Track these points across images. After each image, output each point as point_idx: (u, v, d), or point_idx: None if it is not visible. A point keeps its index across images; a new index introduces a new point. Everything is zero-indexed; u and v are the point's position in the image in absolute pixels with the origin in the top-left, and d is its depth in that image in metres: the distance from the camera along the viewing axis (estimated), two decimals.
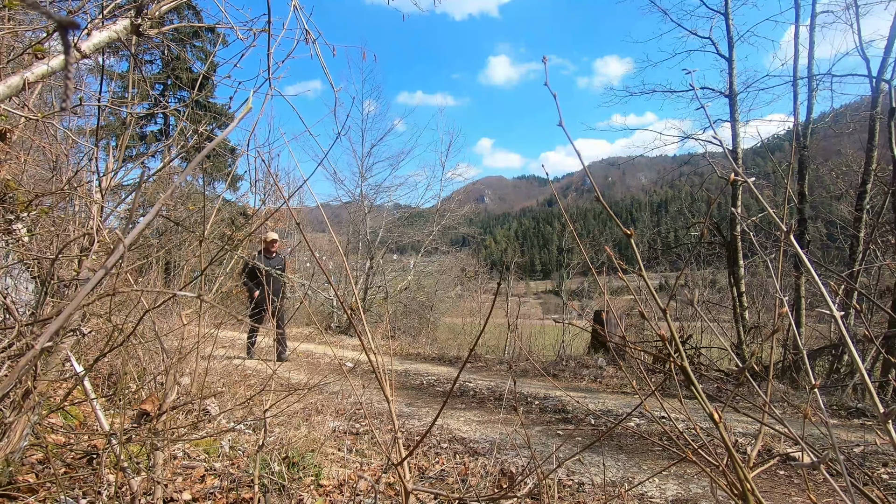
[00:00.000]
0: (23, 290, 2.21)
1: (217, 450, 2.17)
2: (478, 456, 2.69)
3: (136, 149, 16.02)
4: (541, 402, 4.31)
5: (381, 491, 1.97)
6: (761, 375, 4.93)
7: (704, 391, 0.89)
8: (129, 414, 1.91)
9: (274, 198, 12.98)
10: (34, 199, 1.92)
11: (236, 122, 0.92)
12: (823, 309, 0.81)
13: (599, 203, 0.97)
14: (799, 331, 6.39)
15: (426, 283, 16.87)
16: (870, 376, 2.49)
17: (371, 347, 1.11)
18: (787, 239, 0.82)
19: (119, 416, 1.89)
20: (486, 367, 6.92)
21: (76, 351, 1.64)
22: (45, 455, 1.58)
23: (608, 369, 6.42)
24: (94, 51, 1.23)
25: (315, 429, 2.50)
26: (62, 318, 0.48)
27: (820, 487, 2.29)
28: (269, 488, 1.78)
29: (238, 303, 7.54)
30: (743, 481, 0.84)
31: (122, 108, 2.08)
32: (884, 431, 0.69)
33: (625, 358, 5.55)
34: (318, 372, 5.38)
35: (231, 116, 6.13)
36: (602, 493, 2.17)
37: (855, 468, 2.31)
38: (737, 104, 7.74)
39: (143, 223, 0.66)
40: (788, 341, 5.82)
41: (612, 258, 0.99)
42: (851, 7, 6.73)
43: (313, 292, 13.74)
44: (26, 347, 1.28)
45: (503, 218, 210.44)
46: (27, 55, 1.51)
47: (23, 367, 1.05)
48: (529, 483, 2.11)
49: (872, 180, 6.38)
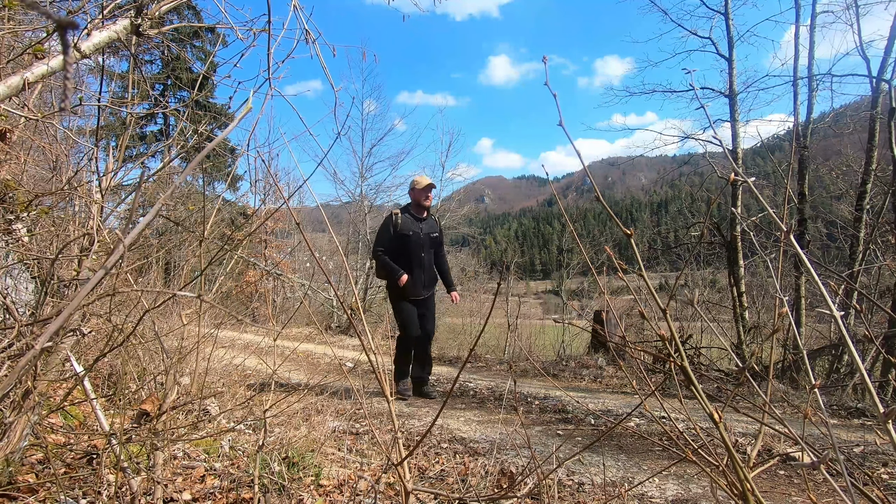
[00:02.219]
0: (23, 290, 2.21)
1: (217, 450, 2.17)
2: (478, 456, 2.69)
3: (136, 149, 16.03)
4: (541, 402, 4.31)
5: (381, 491, 1.97)
6: (761, 375, 4.93)
7: (704, 391, 0.89)
8: (129, 414, 1.91)
9: (274, 198, 12.98)
10: (34, 199, 1.93)
11: (236, 123, 0.92)
12: (823, 309, 0.81)
13: (599, 203, 0.97)
14: (799, 331, 6.39)
15: None
16: (870, 376, 2.49)
17: (371, 347, 1.11)
18: (787, 239, 0.82)
19: (119, 416, 1.89)
20: (486, 367, 6.92)
21: (76, 351, 1.64)
22: (45, 455, 1.58)
23: (608, 369, 6.42)
24: (93, 51, 1.23)
25: (315, 429, 2.50)
26: (62, 318, 0.48)
27: (820, 487, 2.29)
28: (269, 488, 1.78)
29: (238, 303, 7.38)
30: (743, 481, 0.84)
31: (122, 108, 2.08)
32: (884, 431, 0.69)
33: (625, 358, 5.55)
34: (318, 372, 5.38)
35: (231, 116, 6.12)
36: (602, 493, 2.17)
37: (855, 468, 2.31)
38: (737, 104, 7.73)
39: (143, 223, 0.66)
40: (788, 341, 5.82)
41: (612, 258, 0.99)
42: (851, 7, 6.72)
43: (313, 292, 13.74)
44: (26, 347, 1.28)
45: (503, 218, 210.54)
46: (27, 55, 1.51)
47: (23, 367, 1.05)
48: (529, 483, 2.11)
49: (872, 180, 6.38)
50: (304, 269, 17.98)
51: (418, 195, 4.36)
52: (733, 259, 7.43)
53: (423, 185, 4.37)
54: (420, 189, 4.36)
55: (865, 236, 6.31)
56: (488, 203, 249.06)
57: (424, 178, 4.44)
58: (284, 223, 17.51)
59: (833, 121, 7.63)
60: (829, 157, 8.54)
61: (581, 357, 7.62)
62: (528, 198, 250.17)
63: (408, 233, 4.22)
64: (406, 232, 4.22)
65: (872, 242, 6.22)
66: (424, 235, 4.30)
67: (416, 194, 4.39)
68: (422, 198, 4.35)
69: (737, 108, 7.74)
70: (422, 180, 4.40)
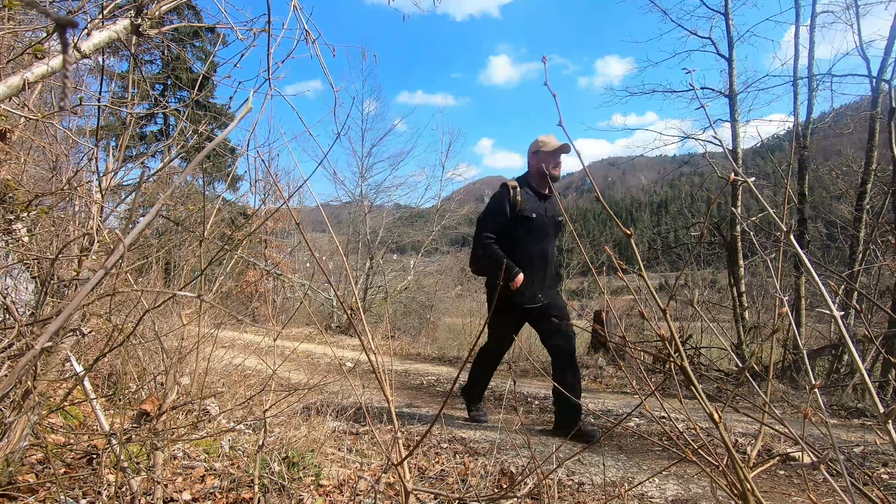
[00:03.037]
0: (23, 290, 2.21)
1: (217, 450, 2.17)
2: (478, 456, 2.69)
3: (136, 149, 16.03)
4: (541, 402, 4.31)
5: (381, 491, 1.97)
6: (761, 375, 4.93)
7: (704, 391, 0.89)
8: (129, 414, 1.91)
9: (274, 198, 12.99)
10: (34, 199, 1.93)
11: (236, 122, 0.92)
12: (823, 309, 0.81)
13: (599, 203, 0.97)
14: (799, 331, 6.39)
15: (426, 283, 16.89)
16: (870, 376, 2.48)
17: (371, 347, 1.11)
18: (787, 239, 0.82)
19: (119, 416, 1.89)
20: None
21: (76, 351, 1.64)
22: (45, 455, 1.58)
23: (608, 369, 6.42)
24: (93, 51, 1.23)
25: (315, 429, 2.50)
26: (62, 318, 0.48)
27: (820, 487, 2.29)
28: (269, 488, 1.78)
29: (238, 303, 7.36)
30: (743, 481, 0.84)
31: (122, 108, 2.08)
32: (884, 431, 0.69)
33: (625, 358, 5.55)
34: (318, 372, 5.38)
35: (231, 116, 6.12)
36: (602, 493, 2.17)
37: (855, 468, 2.31)
38: (737, 104, 7.73)
39: (143, 223, 0.66)
40: (788, 341, 5.82)
41: (612, 258, 0.99)
42: (851, 7, 6.72)
43: (313, 292, 13.74)
44: (26, 347, 1.28)
45: None
46: (27, 55, 1.51)
47: (23, 367, 1.05)
48: (529, 483, 2.12)
49: (872, 180, 6.38)
50: (304, 269, 17.98)
51: (546, 161, 3.10)
52: (733, 259, 7.43)
53: (553, 146, 3.10)
54: (549, 152, 3.11)
55: (865, 236, 6.31)
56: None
57: (554, 139, 3.15)
58: (284, 223, 17.51)
59: (833, 121, 7.63)
60: (829, 157, 8.55)
61: (581, 357, 7.62)
62: None
63: (530, 215, 3.09)
64: (528, 214, 3.09)
65: (872, 242, 6.22)
66: (549, 219, 3.19)
67: (542, 160, 3.12)
68: (551, 165, 3.10)
69: (737, 108, 7.74)
70: (551, 140, 3.14)
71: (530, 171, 3.23)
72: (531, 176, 3.21)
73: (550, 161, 3.10)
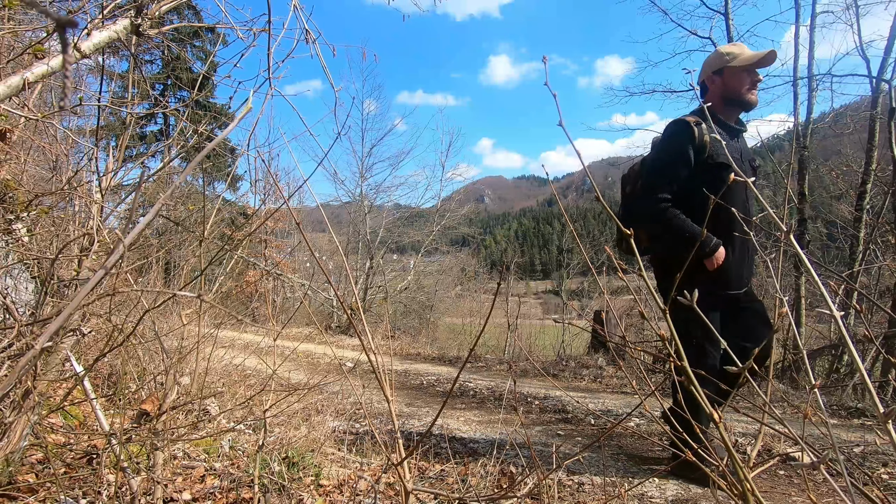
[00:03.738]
0: (23, 290, 2.21)
1: (217, 450, 2.17)
2: (478, 456, 2.69)
3: (136, 149, 16.03)
4: (541, 402, 4.31)
5: (381, 491, 1.97)
6: (761, 375, 4.93)
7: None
8: (129, 414, 1.91)
9: (274, 198, 12.99)
10: (34, 199, 1.93)
11: (236, 122, 0.92)
12: (823, 309, 0.81)
13: (599, 203, 0.97)
14: (799, 331, 6.39)
15: (426, 283, 16.90)
16: (870, 376, 2.47)
17: (371, 347, 1.11)
18: (787, 239, 0.82)
19: (119, 416, 1.89)
20: (486, 367, 6.92)
21: (76, 351, 1.64)
22: (45, 455, 1.58)
23: (608, 369, 6.42)
24: (94, 51, 1.23)
25: (315, 429, 2.50)
26: (62, 318, 0.48)
27: (820, 487, 2.29)
28: (269, 488, 1.78)
29: (238, 303, 7.36)
30: (743, 481, 0.84)
31: (122, 108, 2.08)
32: (884, 431, 0.69)
33: (625, 358, 5.55)
34: (318, 372, 5.38)
35: (231, 116, 6.12)
36: (602, 493, 2.17)
37: (855, 468, 2.31)
38: None
39: (143, 223, 0.66)
40: (788, 341, 5.82)
41: (611, 258, 0.99)
42: (851, 7, 6.73)
43: (313, 292, 13.74)
44: (26, 347, 1.28)
45: (503, 218, 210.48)
46: (27, 55, 1.51)
47: (23, 367, 1.05)
48: (529, 483, 2.11)
49: (872, 180, 6.39)
50: (304, 269, 17.99)
51: (739, 81, 2.22)
52: None
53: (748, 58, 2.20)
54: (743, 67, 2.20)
55: (865, 236, 6.31)
56: (488, 203, 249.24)
57: (746, 49, 2.26)
58: (284, 223, 17.51)
59: (833, 121, 7.63)
60: (829, 157, 8.55)
61: (581, 357, 7.61)
62: (528, 198, 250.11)
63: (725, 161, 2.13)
64: (722, 160, 2.14)
65: (872, 242, 6.22)
66: (746, 164, 2.32)
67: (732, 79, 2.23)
68: (745, 85, 2.22)
69: None
70: (744, 51, 2.24)
71: (712, 97, 2.32)
72: (714, 105, 2.29)
73: (745, 81, 2.21)
